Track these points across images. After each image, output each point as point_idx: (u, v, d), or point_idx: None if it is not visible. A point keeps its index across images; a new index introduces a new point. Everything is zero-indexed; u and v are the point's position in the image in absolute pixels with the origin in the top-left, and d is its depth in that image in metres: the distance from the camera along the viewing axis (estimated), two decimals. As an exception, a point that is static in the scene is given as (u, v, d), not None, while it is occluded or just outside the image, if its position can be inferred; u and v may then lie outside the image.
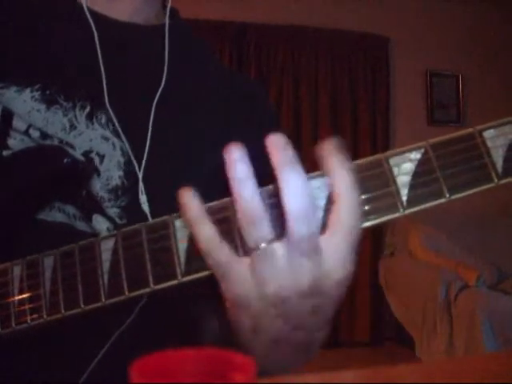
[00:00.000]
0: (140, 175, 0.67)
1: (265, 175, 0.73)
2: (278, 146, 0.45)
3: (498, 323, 2.96)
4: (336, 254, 0.45)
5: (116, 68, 0.71)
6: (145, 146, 0.68)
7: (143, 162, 0.68)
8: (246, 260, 0.46)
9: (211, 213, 0.48)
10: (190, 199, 0.46)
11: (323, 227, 0.46)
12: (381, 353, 3.80)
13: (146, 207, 0.66)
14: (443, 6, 4.25)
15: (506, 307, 3.06)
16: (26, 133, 0.66)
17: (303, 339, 0.51)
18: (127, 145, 0.68)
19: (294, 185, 0.44)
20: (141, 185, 0.67)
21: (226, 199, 0.48)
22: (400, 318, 3.64)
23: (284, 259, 0.45)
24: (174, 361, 0.29)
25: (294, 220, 0.44)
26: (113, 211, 0.67)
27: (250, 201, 0.44)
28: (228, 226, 0.48)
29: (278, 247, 0.45)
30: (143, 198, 0.67)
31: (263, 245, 0.45)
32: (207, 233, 0.46)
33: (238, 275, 0.46)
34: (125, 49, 0.74)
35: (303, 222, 0.44)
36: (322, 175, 0.47)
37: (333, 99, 4.13)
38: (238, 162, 0.45)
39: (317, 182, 0.47)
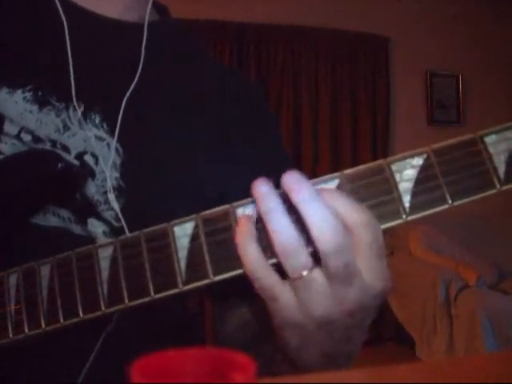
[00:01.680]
0: (107, 173, 0.66)
1: (267, 172, 0.73)
2: (293, 183, 0.45)
3: (498, 323, 2.96)
4: (371, 270, 0.46)
5: (95, 65, 0.71)
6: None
7: (110, 158, 0.67)
8: (289, 284, 0.47)
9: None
10: (244, 220, 0.46)
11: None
12: (381, 353, 3.80)
13: (115, 205, 0.66)
14: (443, 7, 4.25)
15: (505, 307, 3.06)
16: (18, 137, 0.66)
17: (346, 351, 0.53)
18: (114, 145, 0.67)
19: (317, 220, 0.44)
20: (109, 183, 0.66)
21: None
22: (400, 318, 3.64)
23: (326, 285, 0.46)
24: (175, 361, 0.29)
25: (327, 255, 0.45)
26: (109, 214, 0.66)
27: (285, 232, 0.45)
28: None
29: (319, 274, 0.46)
30: (111, 197, 0.66)
31: (305, 273, 0.45)
32: (254, 256, 0.46)
33: (285, 301, 0.47)
34: (104, 45, 0.73)
35: (336, 255, 0.45)
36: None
37: (333, 99, 4.13)
38: (266, 196, 0.45)
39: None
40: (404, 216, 0.47)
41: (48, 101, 0.67)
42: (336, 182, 0.47)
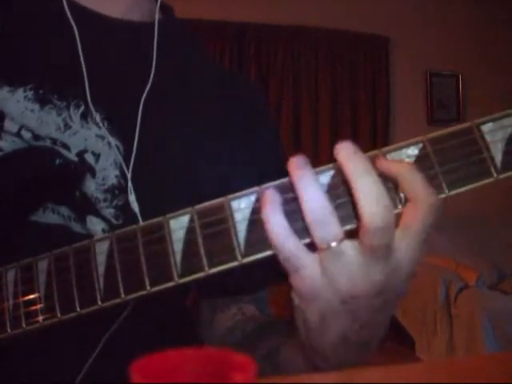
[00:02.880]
0: (129, 175, 0.66)
1: (266, 174, 0.73)
2: (347, 154, 0.45)
3: (497, 323, 2.96)
4: (408, 251, 0.45)
5: (103, 65, 0.71)
6: (133, 145, 0.68)
7: (131, 160, 0.67)
8: (316, 254, 0.46)
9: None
10: (269, 191, 0.46)
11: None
12: (381, 353, 3.80)
13: (135, 207, 0.66)
14: (443, 6, 4.25)
15: (505, 307, 3.06)
16: (18, 134, 0.66)
17: (369, 337, 0.51)
18: (114, 143, 0.68)
19: (369, 195, 0.43)
20: (130, 184, 0.66)
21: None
22: (400, 318, 3.64)
23: (356, 259, 0.45)
24: (175, 361, 0.29)
25: (371, 233, 0.43)
26: (108, 211, 0.67)
27: (316, 200, 0.44)
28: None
29: (349, 247, 0.45)
30: (132, 198, 0.66)
31: (334, 244, 0.44)
32: (279, 225, 0.45)
33: (310, 270, 0.46)
34: (113, 45, 0.73)
35: (381, 234, 0.43)
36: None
37: (333, 99, 4.13)
38: (300, 166, 0.45)
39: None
40: (400, 206, 0.46)
41: (49, 99, 0.67)
42: (331, 172, 0.47)
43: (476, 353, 2.91)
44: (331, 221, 0.44)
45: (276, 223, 0.45)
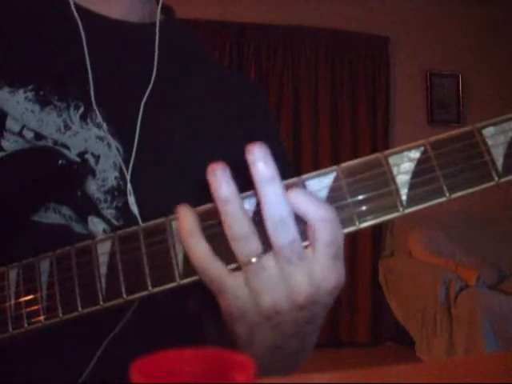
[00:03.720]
0: (128, 176, 0.67)
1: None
2: (259, 159, 0.46)
3: (497, 323, 2.96)
4: (322, 266, 0.46)
5: (105, 66, 0.70)
6: (133, 147, 0.68)
7: (131, 162, 0.67)
8: (239, 274, 0.47)
9: (206, 217, 0.48)
10: (184, 214, 0.47)
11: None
12: (381, 353, 3.80)
13: (134, 208, 0.66)
14: (443, 7, 4.25)
15: (505, 307, 3.06)
16: (20, 134, 0.66)
17: (297, 346, 0.52)
18: (114, 145, 0.68)
19: (272, 197, 0.44)
20: (129, 186, 0.66)
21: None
22: (400, 318, 3.64)
23: (275, 271, 0.46)
24: (174, 361, 0.29)
25: (274, 229, 0.45)
26: (109, 212, 0.67)
27: (237, 218, 0.45)
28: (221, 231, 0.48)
29: (268, 259, 0.46)
30: (131, 199, 0.66)
31: (254, 259, 0.46)
32: (200, 249, 0.46)
33: (233, 289, 0.47)
34: (115, 47, 0.73)
35: (282, 229, 0.45)
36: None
37: (333, 99, 4.13)
38: (223, 182, 0.46)
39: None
40: (401, 209, 0.46)
41: (49, 100, 0.67)
42: (334, 174, 0.47)
43: (476, 353, 2.92)
44: (250, 236, 0.45)
45: (195, 246, 0.46)
